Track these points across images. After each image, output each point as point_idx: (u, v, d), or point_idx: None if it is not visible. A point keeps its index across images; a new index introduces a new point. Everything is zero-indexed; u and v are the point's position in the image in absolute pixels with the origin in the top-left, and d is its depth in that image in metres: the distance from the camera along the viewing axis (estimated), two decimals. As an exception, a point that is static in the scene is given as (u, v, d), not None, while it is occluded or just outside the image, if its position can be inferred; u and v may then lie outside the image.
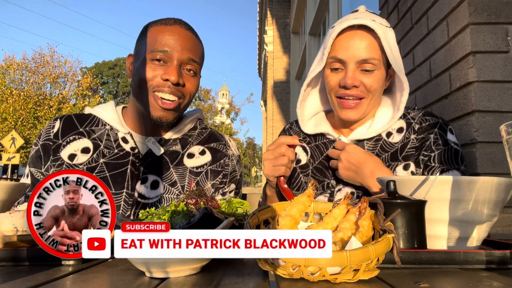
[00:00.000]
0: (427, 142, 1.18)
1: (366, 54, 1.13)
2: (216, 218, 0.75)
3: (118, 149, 1.26)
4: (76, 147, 1.26)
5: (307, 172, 1.29)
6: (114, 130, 1.29)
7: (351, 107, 1.18)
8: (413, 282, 0.61)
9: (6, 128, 19.90)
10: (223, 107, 38.86)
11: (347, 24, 1.15)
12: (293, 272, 0.60)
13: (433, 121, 1.21)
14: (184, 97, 1.23)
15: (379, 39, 1.14)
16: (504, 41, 1.36)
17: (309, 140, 1.34)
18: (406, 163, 1.18)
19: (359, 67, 1.15)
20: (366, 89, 1.16)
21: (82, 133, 1.28)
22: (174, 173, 1.27)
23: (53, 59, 23.12)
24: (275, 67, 9.77)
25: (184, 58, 1.20)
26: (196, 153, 1.33)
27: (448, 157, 1.15)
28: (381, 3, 2.29)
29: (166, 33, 1.20)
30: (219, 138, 1.39)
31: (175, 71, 1.17)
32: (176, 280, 0.62)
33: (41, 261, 0.73)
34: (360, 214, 0.70)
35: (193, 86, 1.24)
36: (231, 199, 0.91)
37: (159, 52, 1.18)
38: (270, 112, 9.84)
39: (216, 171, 1.32)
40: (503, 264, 0.72)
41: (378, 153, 1.22)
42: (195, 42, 1.25)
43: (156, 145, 1.27)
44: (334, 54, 1.17)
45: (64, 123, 1.30)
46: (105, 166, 1.23)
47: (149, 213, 0.87)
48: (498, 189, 0.79)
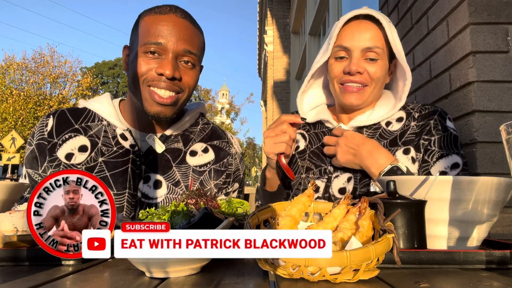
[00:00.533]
0: (427, 127, 1.20)
1: (370, 42, 1.17)
2: (216, 218, 0.75)
3: (117, 146, 1.19)
4: (72, 145, 1.18)
5: (304, 156, 1.30)
6: (112, 126, 1.22)
7: (354, 91, 1.20)
8: (413, 282, 0.61)
9: (6, 128, 19.90)
10: (223, 107, 38.86)
11: (353, 14, 1.19)
12: (293, 272, 0.60)
13: (433, 109, 1.23)
14: (182, 91, 1.16)
15: (384, 29, 1.18)
16: (504, 41, 1.36)
17: (308, 128, 1.35)
18: (406, 147, 1.19)
19: (363, 56, 1.18)
20: (370, 77, 1.19)
21: (78, 130, 1.21)
22: (177, 172, 1.22)
23: (53, 59, 23.14)
24: (275, 67, 9.78)
25: (179, 50, 1.12)
26: (199, 150, 1.27)
27: (448, 142, 1.17)
28: (381, 3, 2.29)
29: (160, 23, 1.12)
30: (221, 136, 1.33)
31: (170, 65, 1.10)
32: (176, 280, 0.62)
33: (41, 261, 0.73)
34: (360, 214, 0.70)
35: (191, 79, 1.17)
36: (231, 199, 0.91)
37: (153, 44, 1.10)
38: (270, 112, 9.84)
39: (220, 171, 1.28)
40: (503, 264, 0.72)
41: (377, 139, 1.23)
42: (193, 32, 1.16)
43: (157, 142, 1.21)
44: (339, 43, 1.20)
45: (58, 119, 1.22)
46: (105, 165, 1.17)
47: (149, 213, 0.87)
48: (498, 189, 0.79)
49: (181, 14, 1.16)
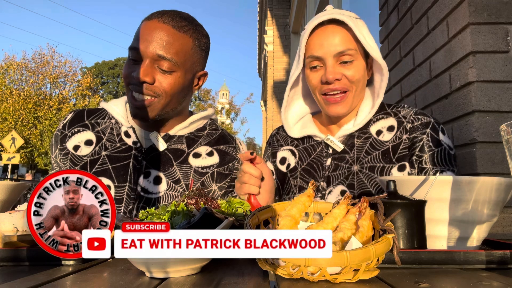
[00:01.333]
0: (420, 143, 1.17)
1: (341, 46, 1.15)
2: (216, 218, 0.75)
3: (120, 142, 1.27)
4: (80, 139, 1.29)
5: (296, 175, 1.29)
6: (118, 124, 1.31)
7: (337, 102, 1.18)
8: (413, 282, 0.61)
9: (6, 128, 19.91)
10: (223, 107, 38.84)
11: (316, 22, 1.17)
12: (293, 272, 0.60)
13: (426, 121, 1.20)
14: (158, 96, 1.17)
15: (351, 30, 1.15)
16: (504, 41, 1.36)
17: (296, 143, 1.33)
18: (401, 164, 1.18)
19: (337, 61, 1.16)
20: (349, 81, 1.17)
21: (87, 126, 1.31)
22: (178, 171, 1.26)
23: (53, 59, 23.16)
24: (275, 67, 9.77)
25: (152, 55, 1.14)
26: (203, 153, 1.30)
27: (442, 158, 1.15)
28: (381, 3, 2.29)
29: (142, 29, 1.17)
30: (229, 141, 1.35)
31: (142, 69, 1.14)
32: (176, 280, 0.62)
33: (41, 261, 0.73)
34: (360, 214, 0.70)
35: (167, 84, 1.17)
36: (231, 199, 0.91)
37: (132, 49, 1.16)
38: (270, 112, 9.85)
39: (224, 174, 1.29)
40: (503, 264, 0.72)
41: (367, 150, 1.21)
42: (173, 37, 1.16)
43: (160, 140, 1.27)
44: (310, 53, 1.18)
45: (75, 115, 1.34)
46: (107, 159, 1.25)
47: (149, 213, 0.87)
48: (498, 189, 0.79)
49: (166, 19, 1.17)
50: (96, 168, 1.24)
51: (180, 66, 1.18)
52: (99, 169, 1.24)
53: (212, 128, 1.37)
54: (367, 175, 1.18)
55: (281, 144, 1.36)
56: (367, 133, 1.23)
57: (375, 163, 1.19)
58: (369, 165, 1.19)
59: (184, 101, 1.27)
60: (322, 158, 1.26)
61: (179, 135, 1.31)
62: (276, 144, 1.38)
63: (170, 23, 1.17)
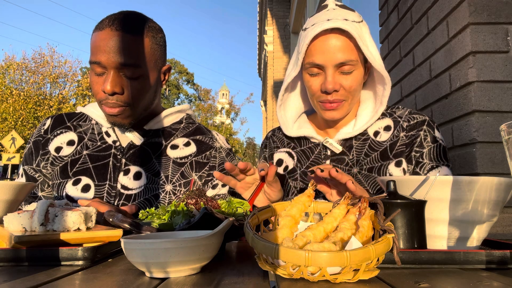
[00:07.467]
0: (418, 139, 1.19)
1: (343, 56, 1.13)
2: (216, 218, 0.75)
3: (101, 141, 1.30)
4: (62, 139, 1.31)
5: (295, 176, 1.29)
6: (99, 125, 1.34)
7: (334, 108, 1.18)
8: (413, 282, 0.61)
9: (6, 128, 19.91)
10: (223, 107, 38.86)
11: (320, 29, 1.13)
12: (293, 272, 0.60)
13: (421, 119, 1.22)
14: (130, 104, 1.18)
15: (354, 39, 1.13)
16: (504, 41, 1.36)
17: (293, 145, 1.33)
18: (398, 160, 1.19)
19: (337, 70, 1.15)
20: (346, 91, 1.16)
21: (69, 127, 1.34)
22: (157, 164, 1.29)
23: (53, 59, 23.12)
24: (275, 67, 9.78)
25: (115, 64, 1.13)
26: (180, 144, 1.33)
27: (437, 154, 1.18)
28: (381, 3, 2.29)
29: (97, 41, 1.14)
30: (205, 132, 1.39)
31: (109, 81, 1.13)
32: (176, 280, 0.62)
33: (41, 261, 0.73)
34: (360, 214, 0.70)
35: (136, 90, 1.17)
36: (231, 199, 0.91)
37: (94, 64, 1.15)
38: (270, 112, 9.85)
39: (202, 163, 1.32)
40: (503, 264, 0.72)
41: (366, 152, 1.22)
42: (130, 42, 1.15)
43: (135, 135, 1.29)
44: (311, 60, 1.16)
45: (55, 120, 1.36)
46: (88, 158, 1.28)
47: (149, 213, 0.87)
48: (498, 189, 0.79)
49: (118, 25, 1.15)
50: (76, 168, 1.26)
51: (144, 68, 1.18)
52: (79, 168, 1.26)
53: (189, 122, 1.40)
54: (366, 176, 1.19)
55: (278, 146, 1.37)
56: (365, 134, 1.24)
57: (374, 163, 1.20)
58: (368, 167, 1.20)
59: (155, 99, 1.28)
60: (321, 160, 1.26)
61: (154, 129, 1.33)
62: (272, 145, 1.38)
63: (123, 28, 1.15)
